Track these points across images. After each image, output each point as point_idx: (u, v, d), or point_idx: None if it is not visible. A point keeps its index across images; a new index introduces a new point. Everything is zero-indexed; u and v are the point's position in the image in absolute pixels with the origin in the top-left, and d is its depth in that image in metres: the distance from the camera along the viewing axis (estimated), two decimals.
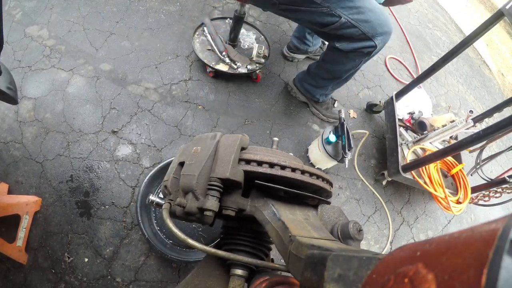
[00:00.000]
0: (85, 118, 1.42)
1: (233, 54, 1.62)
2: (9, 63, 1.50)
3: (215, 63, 1.61)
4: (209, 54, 1.64)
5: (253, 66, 1.65)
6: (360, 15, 1.15)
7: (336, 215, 0.57)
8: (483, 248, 0.12)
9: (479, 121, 1.59)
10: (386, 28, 1.22)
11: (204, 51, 1.63)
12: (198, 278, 0.54)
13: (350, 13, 1.14)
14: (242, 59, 1.63)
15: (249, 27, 1.81)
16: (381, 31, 1.20)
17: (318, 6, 1.12)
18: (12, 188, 1.24)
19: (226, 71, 1.61)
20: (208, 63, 1.59)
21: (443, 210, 1.54)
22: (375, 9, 1.19)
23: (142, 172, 1.35)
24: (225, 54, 1.61)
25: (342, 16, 1.14)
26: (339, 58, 1.35)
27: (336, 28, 1.18)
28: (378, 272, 0.19)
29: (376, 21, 1.18)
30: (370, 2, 1.19)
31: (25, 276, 1.11)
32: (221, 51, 1.61)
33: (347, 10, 1.13)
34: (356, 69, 1.42)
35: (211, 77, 1.69)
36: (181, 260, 1.12)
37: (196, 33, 1.67)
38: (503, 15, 1.18)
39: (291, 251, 0.37)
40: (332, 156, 1.38)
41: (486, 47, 3.61)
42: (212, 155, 0.52)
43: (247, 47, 1.72)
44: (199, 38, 1.67)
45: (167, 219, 0.51)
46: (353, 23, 1.15)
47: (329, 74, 1.48)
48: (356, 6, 1.14)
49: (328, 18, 1.15)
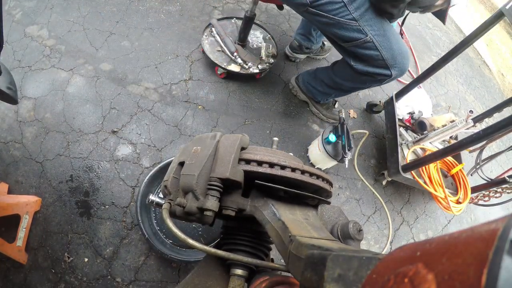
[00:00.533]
0: (85, 118, 1.42)
1: (244, 54, 1.63)
2: (9, 63, 1.50)
3: (226, 64, 1.61)
4: (219, 55, 1.63)
5: (264, 65, 1.66)
6: (386, 40, 1.14)
7: (336, 215, 0.57)
8: (483, 248, 0.12)
9: (479, 121, 1.59)
10: (405, 61, 1.21)
11: (214, 52, 1.63)
12: (198, 278, 0.54)
13: (376, 34, 1.12)
14: (252, 59, 1.64)
15: (256, 26, 1.80)
16: (400, 62, 1.19)
17: (349, 19, 1.10)
18: (12, 188, 1.23)
19: (239, 71, 1.61)
20: (219, 64, 1.59)
21: (443, 210, 1.54)
22: (399, 39, 1.19)
23: (142, 172, 1.35)
24: (237, 55, 1.61)
25: (369, 35, 1.12)
26: (350, 76, 1.33)
27: (358, 46, 1.16)
28: (378, 272, 0.19)
29: (398, 51, 1.17)
30: (395, 31, 1.19)
31: (25, 276, 1.11)
32: (232, 51, 1.61)
33: (375, 31, 1.12)
34: (363, 88, 1.42)
35: (222, 78, 1.69)
36: (181, 260, 1.12)
37: (204, 34, 1.67)
38: (503, 15, 1.18)
39: (291, 251, 0.37)
40: (332, 156, 1.38)
41: (486, 47, 3.61)
42: (212, 155, 0.52)
43: (256, 47, 1.72)
44: (208, 39, 1.67)
45: (167, 219, 0.51)
46: (376, 45, 1.14)
47: (335, 85, 1.47)
48: (384, 29, 1.13)
49: (355, 34, 1.12)
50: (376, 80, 1.26)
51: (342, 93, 1.55)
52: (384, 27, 1.13)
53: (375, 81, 1.27)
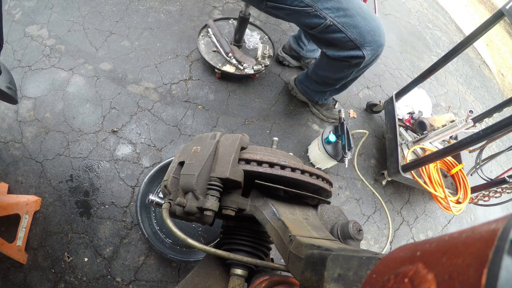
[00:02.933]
0: (85, 117, 1.42)
1: (239, 55, 1.62)
2: (9, 62, 1.50)
3: (221, 65, 1.61)
4: (215, 55, 1.64)
5: (259, 66, 1.65)
6: (348, 19, 1.06)
7: (336, 215, 0.57)
8: (483, 248, 0.12)
9: (479, 121, 1.60)
10: (377, 37, 1.11)
11: (210, 53, 1.63)
12: (198, 278, 0.54)
13: (337, 16, 1.05)
14: (248, 59, 1.63)
15: (253, 27, 1.80)
16: (370, 39, 1.10)
17: (303, 6, 1.05)
18: (12, 187, 1.23)
19: (233, 72, 1.61)
20: (214, 64, 1.59)
21: (443, 210, 1.54)
22: (366, 14, 1.09)
23: (142, 172, 1.35)
24: (231, 56, 1.60)
25: (328, 18, 1.05)
26: (328, 66, 1.29)
27: (323, 32, 1.10)
28: (378, 272, 0.19)
29: (366, 28, 1.08)
30: (361, 6, 1.09)
31: (25, 275, 1.11)
32: (227, 52, 1.61)
33: (333, 12, 1.05)
34: (349, 79, 1.35)
35: (218, 78, 1.69)
36: (181, 260, 1.12)
37: (200, 34, 1.67)
38: (503, 15, 1.18)
39: (291, 251, 0.37)
40: (332, 156, 1.38)
41: (486, 47, 3.61)
42: (212, 154, 0.52)
43: (252, 48, 1.72)
44: (204, 40, 1.67)
45: (167, 218, 0.51)
46: (339, 27, 1.06)
47: (321, 79, 1.44)
48: (343, 7, 1.04)
49: (314, 20, 1.07)
50: (352, 64, 1.18)
51: (333, 89, 1.48)
52: (344, 6, 1.05)
53: (351, 66, 1.20)
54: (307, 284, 0.28)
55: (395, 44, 2.51)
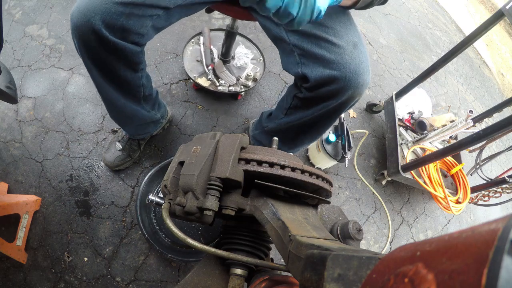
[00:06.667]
0: (84, 117, 1.42)
1: (220, 70, 1.50)
2: (8, 62, 1.49)
3: (197, 76, 1.50)
4: (196, 65, 1.54)
5: (237, 87, 1.52)
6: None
7: (335, 214, 0.57)
8: (483, 248, 0.12)
9: (479, 121, 1.60)
10: None
11: (192, 61, 1.54)
12: (198, 278, 0.54)
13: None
14: (228, 77, 1.51)
15: (250, 44, 1.69)
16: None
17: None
18: (12, 187, 1.23)
19: (207, 87, 1.48)
20: (190, 74, 1.48)
21: (443, 210, 1.54)
22: None
23: (142, 172, 1.35)
24: (210, 69, 1.49)
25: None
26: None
27: None
28: (378, 272, 0.19)
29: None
30: None
31: (24, 275, 1.11)
32: (207, 64, 1.50)
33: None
34: None
35: (195, 89, 1.61)
36: (180, 260, 1.12)
37: (191, 40, 1.60)
38: (503, 15, 1.18)
39: (290, 251, 0.37)
40: (332, 156, 1.38)
41: (486, 47, 3.61)
42: (212, 154, 0.52)
43: (240, 66, 1.58)
44: (192, 46, 1.59)
45: (167, 218, 0.51)
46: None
47: None
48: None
49: None
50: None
51: None
52: None
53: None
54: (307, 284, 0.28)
55: (395, 44, 2.50)
